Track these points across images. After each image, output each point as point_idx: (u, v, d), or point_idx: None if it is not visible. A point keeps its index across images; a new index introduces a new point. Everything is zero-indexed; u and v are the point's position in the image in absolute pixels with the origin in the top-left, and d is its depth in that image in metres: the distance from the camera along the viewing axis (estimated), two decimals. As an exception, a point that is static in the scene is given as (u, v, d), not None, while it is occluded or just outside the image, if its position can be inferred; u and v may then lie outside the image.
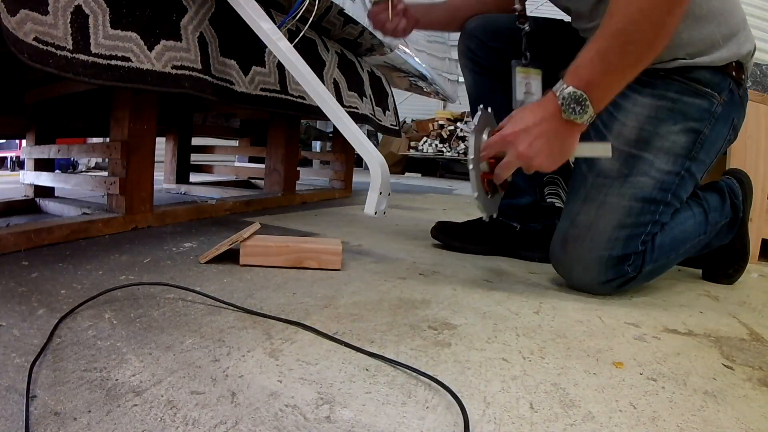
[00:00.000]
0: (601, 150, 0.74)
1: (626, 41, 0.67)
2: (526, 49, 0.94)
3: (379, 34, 1.51)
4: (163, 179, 1.99)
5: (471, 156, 0.77)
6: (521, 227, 1.09)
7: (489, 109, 0.84)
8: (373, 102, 1.86)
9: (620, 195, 0.80)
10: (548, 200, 1.11)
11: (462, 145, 4.81)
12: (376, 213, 0.86)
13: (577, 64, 0.69)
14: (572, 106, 0.68)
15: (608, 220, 0.80)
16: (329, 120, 0.92)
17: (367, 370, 0.48)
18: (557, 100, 0.69)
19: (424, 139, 5.16)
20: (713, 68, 0.79)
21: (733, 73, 0.81)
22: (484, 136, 0.78)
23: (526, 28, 0.95)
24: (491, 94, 1.03)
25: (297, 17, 0.99)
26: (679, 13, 0.66)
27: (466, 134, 0.94)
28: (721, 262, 0.96)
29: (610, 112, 0.84)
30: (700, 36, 0.78)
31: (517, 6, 0.97)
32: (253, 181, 2.31)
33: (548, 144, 0.70)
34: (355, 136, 0.89)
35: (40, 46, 0.70)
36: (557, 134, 0.70)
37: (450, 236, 1.13)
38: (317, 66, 1.44)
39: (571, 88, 0.67)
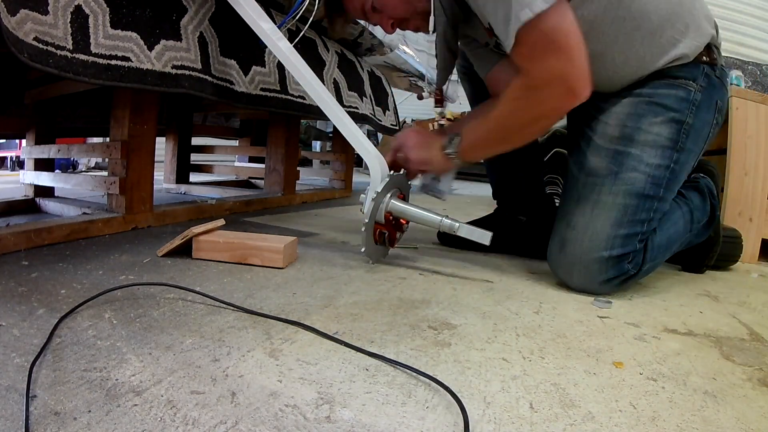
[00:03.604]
0: (482, 236, 0.85)
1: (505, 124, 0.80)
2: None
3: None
4: (163, 179, 1.99)
5: (366, 219, 0.85)
6: (528, 219, 1.08)
7: (402, 171, 0.91)
8: (373, 102, 1.86)
9: (614, 193, 0.80)
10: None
11: None
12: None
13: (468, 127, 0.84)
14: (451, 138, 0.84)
15: (605, 219, 0.79)
16: (329, 120, 0.92)
17: (367, 370, 0.48)
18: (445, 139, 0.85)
19: (424, 139, 5.15)
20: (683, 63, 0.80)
21: (704, 58, 0.80)
22: (386, 198, 0.87)
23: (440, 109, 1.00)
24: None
25: (297, 17, 0.99)
26: (544, 124, 0.79)
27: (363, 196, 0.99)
28: (700, 254, 1.00)
29: (593, 115, 0.86)
30: (661, 46, 0.79)
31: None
32: (253, 181, 2.31)
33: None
34: (355, 135, 0.89)
35: (40, 45, 0.70)
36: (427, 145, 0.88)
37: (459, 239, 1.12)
38: (317, 66, 1.44)
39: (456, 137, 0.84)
